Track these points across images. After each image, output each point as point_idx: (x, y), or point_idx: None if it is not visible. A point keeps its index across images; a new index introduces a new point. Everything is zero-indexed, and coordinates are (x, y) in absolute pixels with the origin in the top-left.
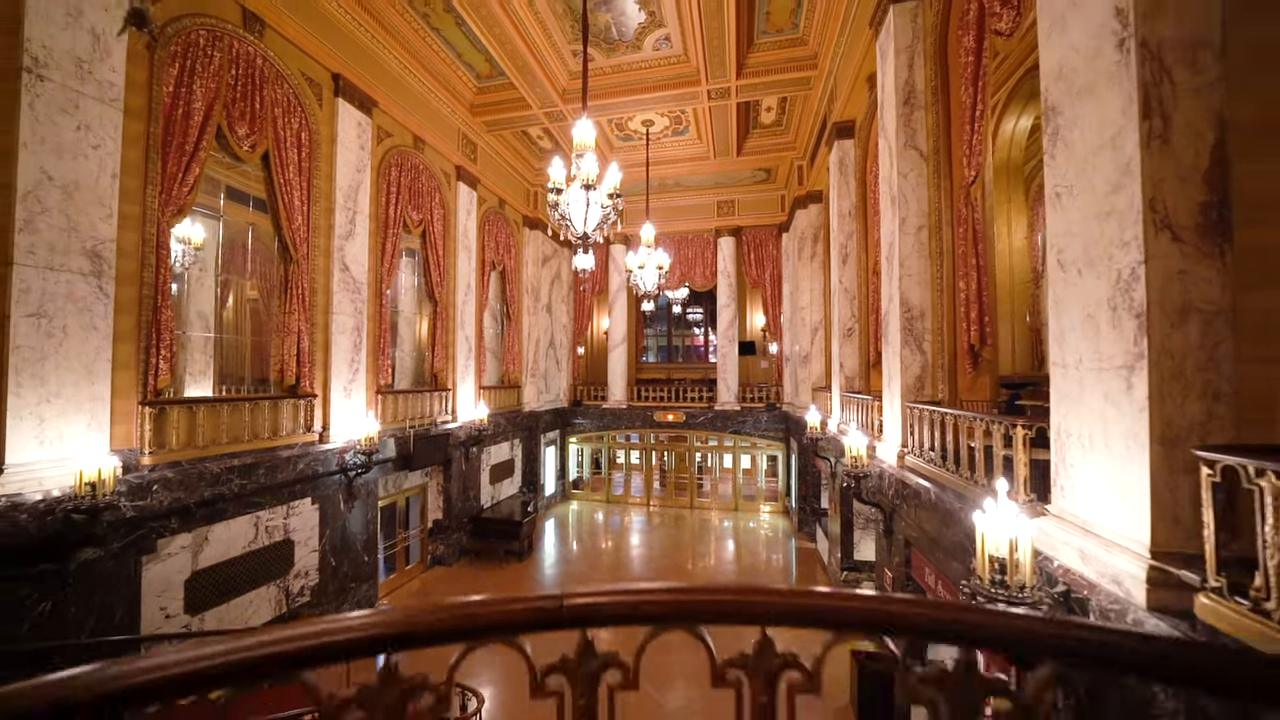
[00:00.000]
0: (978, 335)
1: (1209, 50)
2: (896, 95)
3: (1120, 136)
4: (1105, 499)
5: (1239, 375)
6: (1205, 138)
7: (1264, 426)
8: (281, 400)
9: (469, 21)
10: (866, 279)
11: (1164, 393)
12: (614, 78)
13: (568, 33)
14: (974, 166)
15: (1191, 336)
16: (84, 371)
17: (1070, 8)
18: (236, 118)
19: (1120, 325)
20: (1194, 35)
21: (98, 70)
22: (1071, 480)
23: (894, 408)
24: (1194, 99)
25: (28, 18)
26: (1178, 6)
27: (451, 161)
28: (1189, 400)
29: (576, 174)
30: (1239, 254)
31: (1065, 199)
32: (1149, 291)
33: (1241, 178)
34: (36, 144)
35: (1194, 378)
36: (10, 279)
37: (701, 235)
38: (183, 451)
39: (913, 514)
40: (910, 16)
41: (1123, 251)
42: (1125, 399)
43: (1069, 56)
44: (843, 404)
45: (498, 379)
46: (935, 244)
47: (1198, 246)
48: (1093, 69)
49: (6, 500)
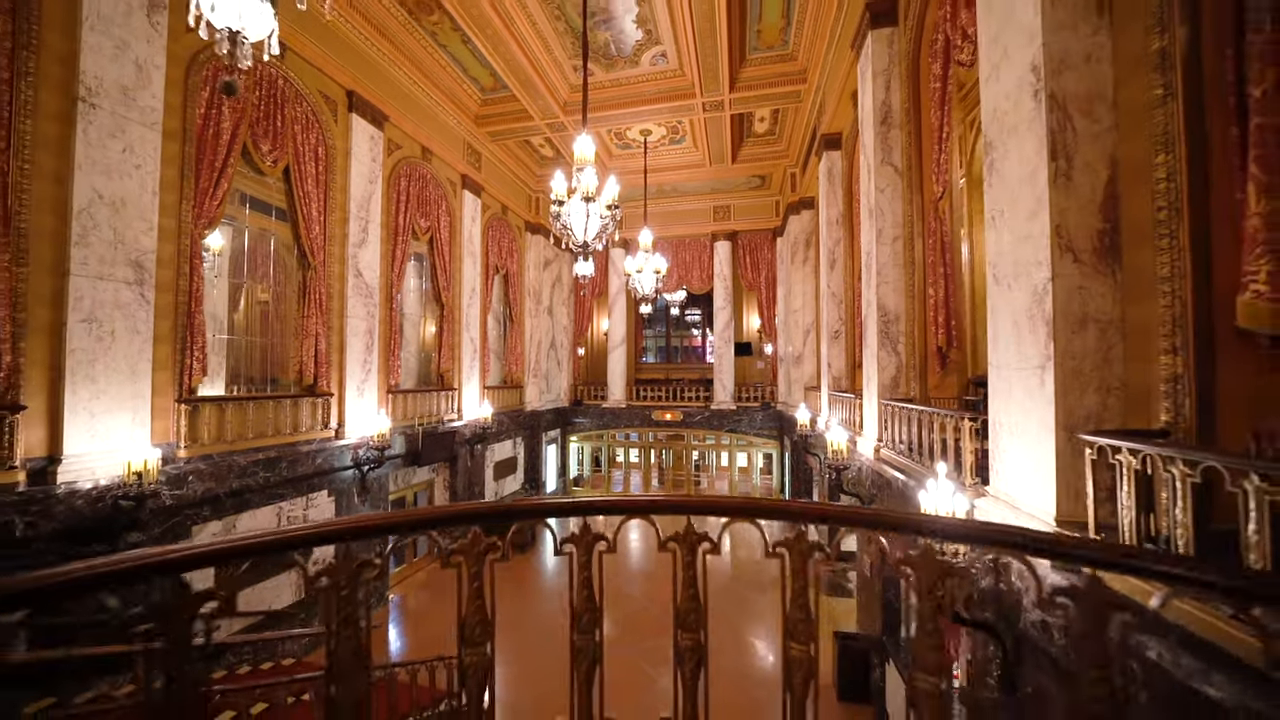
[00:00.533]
0: (945, 338)
1: (1104, 103)
2: (874, 115)
3: (1036, 172)
4: (1026, 479)
5: (1127, 373)
6: (1100, 175)
7: (1144, 415)
8: (301, 399)
9: (474, 39)
10: (853, 284)
11: (1067, 388)
12: (613, 91)
13: (568, 49)
14: (942, 183)
15: (1089, 341)
16: (128, 371)
17: (1002, 59)
18: (260, 135)
19: (1035, 331)
20: (1091, 90)
21: (140, 97)
22: (1004, 464)
23: (872, 405)
24: (1092, 143)
25: (83, 53)
26: (1079, 66)
27: (457, 170)
28: (1087, 394)
29: (577, 186)
30: (1127, 273)
31: (999, 221)
32: (1055, 304)
33: (1128, 209)
34: (89, 165)
35: (1091, 375)
36: (67, 289)
37: (698, 239)
38: (213, 445)
39: (887, 502)
40: (887, 42)
41: (1037, 269)
42: (1039, 393)
43: (1001, 101)
44: (830, 403)
45: (501, 379)
46: (909, 253)
47: (1094, 266)
48: (1017, 113)
49: (65, 487)
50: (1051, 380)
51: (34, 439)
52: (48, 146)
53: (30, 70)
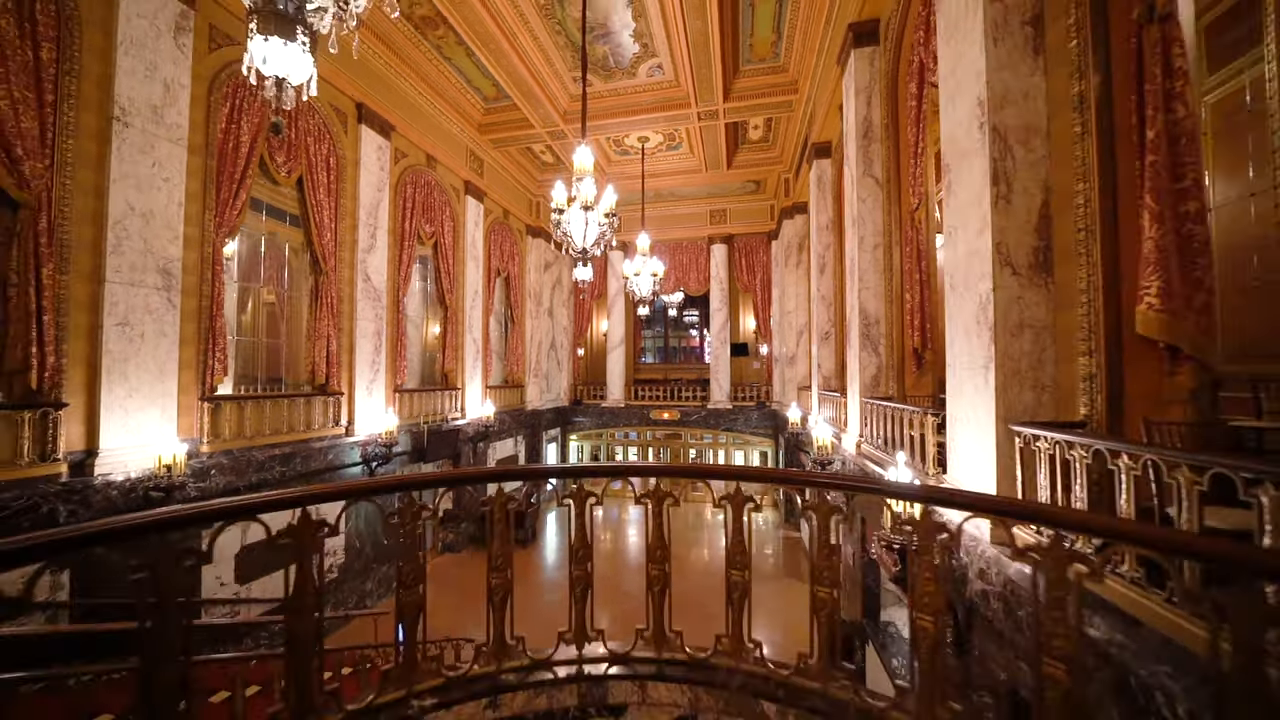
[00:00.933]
0: (920, 340)
1: (1039, 135)
2: (857, 129)
3: (981, 195)
4: (975, 465)
5: (1057, 372)
6: (1035, 199)
7: (1071, 409)
8: (313, 398)
9: (478, 53)
10: (840, 288)
11: (1006, 385)
12: (611, 100)
13: (568, 61)
14: (917, 194)
15: (1025, 345)
16: (157, 371)
17: (956, 92)
18: (276, 147)
19: (981, 335)
20: (1029, 124)
21: (167, 115)
22: (958, 454)
23: (855, 403)
24: (1029, 171)
25: (117, 76)
26: (1018, 102)
27: (460, 177)
28: (1024, 391)
29: (576, 196)
30: (1057, 285)
31: (954, 236)
32: (996, 311)
33: (1058, 229)
34: (123, 180)
35: (1027, 375)
36: (103, 295)
37: (695, 242)
38: (233, 441)
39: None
40: (868, 60)
41: (983, 281)
42: (984, 390)
43: (955, 129)
44: (820, 401)
45: (502, 379)
46: (888, 260)
47: (1030, 279)
48: (968, 141)
49: (102, 479)
50: (994, 378)
51: (74, 434)
52: (87, 164)
53: (72, 94)
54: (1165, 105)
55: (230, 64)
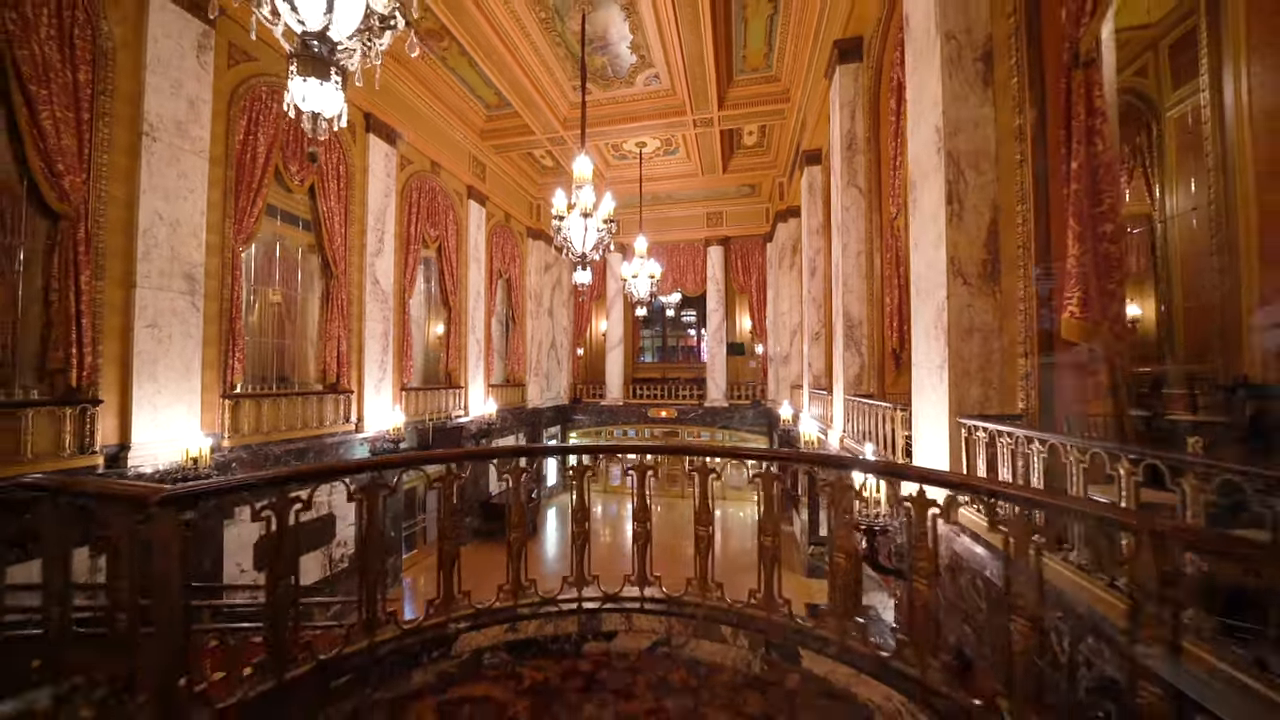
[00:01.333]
0: (899, 341)
1: (988, 159)
2: (841, 141)
3: (938, 212)
4: (933, 455)
5: (1003, 371)
6: (984, 217)
7: (1014, 404)
8: (325, 395)
9: (481, 64)
10: (829, 290)
11: (957, 383)
12: (609, 108)
13: (568, 71)
14: (896, 204)
15: (974, 347)
16: (183, 370)
17: (919, 118)
18: (290, 157)
19: (938, 338)
20: (979, 149)
21: (191, 129)
22: (921, 445)
23: (839, 400)
24: (979, 191)
25: (146, 93)
26: (969, 130)
27: (463, 182)
28: (973, 387)
29: (576, 203)
30: (1003, 293)
31: (918, 246)
32: (949, 317)
33: (1004, 244)
34: (151, 191)
35: (976, 374)
36: (134, 299)
37: (693, 244)
38: (252, 436)
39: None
40: (853, 75)
41: (939, 289)
42: (940, 387)
43: (919, 150)
44: (810, 400)
45: (504, 378)
46: (869, 265)
47: (979, 288)
48: (928, 162)
49: (134, 471)
50: (947, 376)
51: (108, 428)
52: (118, 176)
53: (106, 111)
54: (1087, 139)
55: (247, 79)
